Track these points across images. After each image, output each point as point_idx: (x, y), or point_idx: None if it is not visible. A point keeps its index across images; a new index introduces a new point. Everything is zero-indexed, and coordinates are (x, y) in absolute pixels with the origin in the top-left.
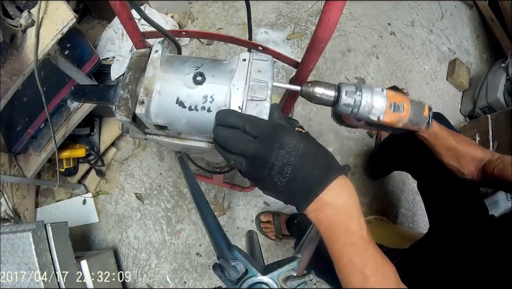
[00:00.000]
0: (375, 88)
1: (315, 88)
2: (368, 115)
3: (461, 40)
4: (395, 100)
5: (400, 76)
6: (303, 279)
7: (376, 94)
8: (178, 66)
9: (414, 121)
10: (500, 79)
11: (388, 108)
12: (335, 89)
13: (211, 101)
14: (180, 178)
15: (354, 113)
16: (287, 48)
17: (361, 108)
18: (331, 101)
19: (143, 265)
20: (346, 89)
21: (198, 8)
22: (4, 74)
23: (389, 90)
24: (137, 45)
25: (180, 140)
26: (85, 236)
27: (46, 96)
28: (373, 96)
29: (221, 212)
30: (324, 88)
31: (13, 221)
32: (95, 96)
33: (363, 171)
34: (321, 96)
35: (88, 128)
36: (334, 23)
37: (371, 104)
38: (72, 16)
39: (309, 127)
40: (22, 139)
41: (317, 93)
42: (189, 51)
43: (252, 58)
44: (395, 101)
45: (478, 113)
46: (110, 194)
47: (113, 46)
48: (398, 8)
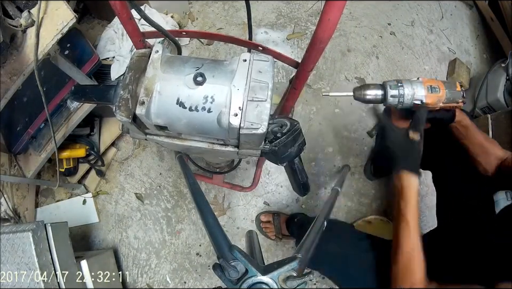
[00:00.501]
0: (412, 79)
1: (365, 91)
2: (413, 101)
3: (461, 40)
4: (431, 83)
5: (400, 76)
6: (303, 279)
7: (414, 82)
8: (178, 66)
9: (451, 98)
10: (500, 79)
11: (426, 91)
12: (381, 88)
13: (211, 102)
14: (180, 178)
15: (401, 102)
16: (287, 48)
17: (405, 96)
18: (380, 99)
19: (143, 265)
20: (390, 84)
21: (198, 8)
22: (3, 74)
23: (424, 78)
24: (137, 45)
25: (180, 140)
26: (85, 236)
27: (46, 96)
28: (412, 85)
29: (221, 212)
30: (372, 90)
31: (13, 221)
32: (95, 96)
33: (363, 172)
34: (374, 97)
35: (88, 128)
36: (334, 23)
37: (413, 91)
38: (72, 16)
39: (309, 127)
40: (22, 139)
41: (368, 95)
42: (189, 51)
43: (252, 59)
44: (431, 84)
45: (478, 113)
46: (110, 194)
47: (113, 46)
48: (398, 8)
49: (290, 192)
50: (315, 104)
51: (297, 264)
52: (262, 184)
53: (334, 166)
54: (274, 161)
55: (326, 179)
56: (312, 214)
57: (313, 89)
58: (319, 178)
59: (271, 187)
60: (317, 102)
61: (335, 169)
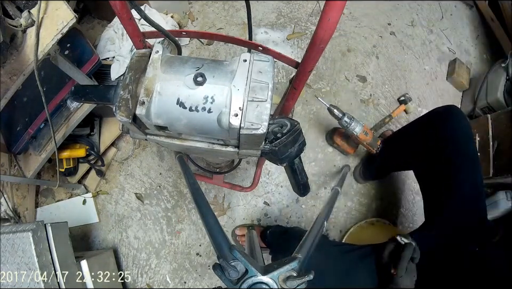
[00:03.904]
0: (360, 121)
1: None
2: (352, 131)
3: (461, 40)
4: (366, 130)
5: (400, 76)
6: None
7: (359, 123)
8: (178, 67)
9: (372, 144)
10: (500, 79)
11: (362, 131)
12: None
13: (212, 102)
14: (180, 178)
15: (346, 126)
16: (287, 48)
17: (351, 125)
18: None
19: (143, 265)
20: (347, 114)
21: (198, 8)
22: (3, 74)
23: (365, 125)
24: (137, 45)
25: (180, 141)
26: (85, 236)
27: (46, 96)
28: (358, 123)
29: (221, 212)
30: (338, 111)
31: (13, 221)
32: (95, 96)
33: (358, 174)
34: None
35: (88, 128)
36: (334, 23)
37: (355, 126)
38: (72, 16)
39: (309, 127)
40: (22, 139)
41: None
42: (189, 51)
43: (252, 59)
44: (366, 130)
45: (478, 113)
46: (110, 194)
47: (113, 46)
48: (398, 8)
49: (290, 192)
50: (315, 104)
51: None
52: (262, 184)
53: (334, 166)
54: (274, 161)
55: (326, 179)
56: (291, 224)
57: (313, 89)
58: (319, 178)
59: (271, 187)
60: (317, 102)
61: (335, 169)
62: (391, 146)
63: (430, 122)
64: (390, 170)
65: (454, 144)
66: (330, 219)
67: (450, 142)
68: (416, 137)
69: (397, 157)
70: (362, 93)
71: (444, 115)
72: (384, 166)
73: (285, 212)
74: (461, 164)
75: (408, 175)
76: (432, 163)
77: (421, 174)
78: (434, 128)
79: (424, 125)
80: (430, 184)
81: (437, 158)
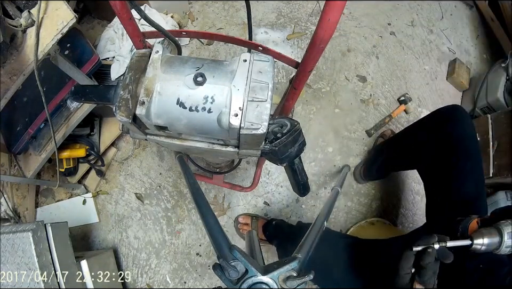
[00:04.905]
0: None
1: None
2: None
3: (461, 40)
4: None
5: (400, 76)
6: (303, 279)
7: None
8: (178, 67)
9: None
10: (500, 79)
11: None
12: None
13: (212, 102)
14: (180, 178)
15: None
16: (287, 48)
17: None
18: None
19: (143, 265)
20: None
21: (198, 8)
22: (3, 74)
23: None
24: (137, 45)
25: (180, 141)
26: (85, 236)
27: (46, 96)
28: None
29: (221, 212)
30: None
31: (13, 221)
32: (95, 96)
33: (358, 174)
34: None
35: (88, 128)
36: (334, 24)
37: None
38: (72, 16)
39: (309, 127)
40: (22, 139)
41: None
42: (189, 51)
43: (252, 59)
44: None
45: (478, 113)
46: (110, 194)
47: (113, 46)
48: (398, 8)
49: (290, 192)
50: (315, 104)
51: (297, 264)
52: (262, 184)
53: (334, 166)
54: (274, 161)
55: (326, 179)
56: (296, 220)
57: (313, 89)
58: (319, 178)
59: (271, 187)
60: (317, 102)
61: (335, 169)
62: (395, 146)
63: (435, 121)
64: (393, 169)
65: (458, 143)
66: (330, 219)
67: (455, 142)
68: (421, 137)
69: (401, 156)
70: (362, 93)
71: (449, 115)
72: (387, 165)
73: (285, 212)
74: (465, 164)
75: (408, 175)
76: (436, 163)
77: (425, 173)
78: (439, 127)
79: (429, 124)
80: (433, 183)
81: (441, 157)
